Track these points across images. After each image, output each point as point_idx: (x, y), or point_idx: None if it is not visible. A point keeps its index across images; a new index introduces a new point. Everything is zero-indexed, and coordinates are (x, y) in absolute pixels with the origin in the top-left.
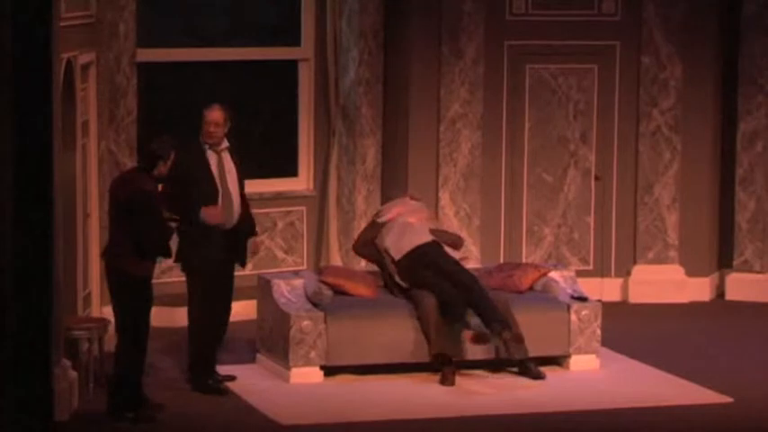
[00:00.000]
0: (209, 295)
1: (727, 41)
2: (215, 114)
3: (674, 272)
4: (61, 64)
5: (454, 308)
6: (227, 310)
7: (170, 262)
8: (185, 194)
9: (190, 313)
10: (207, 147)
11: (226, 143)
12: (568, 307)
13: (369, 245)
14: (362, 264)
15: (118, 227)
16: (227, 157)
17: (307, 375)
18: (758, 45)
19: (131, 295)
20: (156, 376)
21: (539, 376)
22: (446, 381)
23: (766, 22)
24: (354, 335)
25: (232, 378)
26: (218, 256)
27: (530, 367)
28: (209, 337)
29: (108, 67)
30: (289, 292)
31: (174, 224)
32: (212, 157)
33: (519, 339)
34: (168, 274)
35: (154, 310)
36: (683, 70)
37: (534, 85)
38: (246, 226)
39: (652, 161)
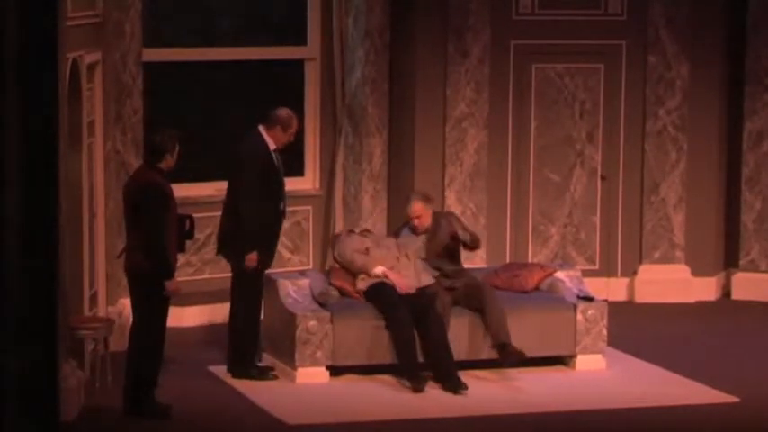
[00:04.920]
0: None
1: (734, 41)
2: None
3: (681, 271)
4: (67, 64)
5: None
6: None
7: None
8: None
9: (237, 311)
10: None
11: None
12: (574, 307)
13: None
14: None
15: (132, 225)
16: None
17: (313, 375)
18: (764, 45)
19: (147, 293)
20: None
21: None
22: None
23: None
24: (361, 335)
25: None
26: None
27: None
28: (252, 331)
29: (114, 66)
30: (295, 291)
31: (188, 222)
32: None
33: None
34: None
35: None
36: (689, 70)
37: (540, 84)
38: None
39: (658, 161)
